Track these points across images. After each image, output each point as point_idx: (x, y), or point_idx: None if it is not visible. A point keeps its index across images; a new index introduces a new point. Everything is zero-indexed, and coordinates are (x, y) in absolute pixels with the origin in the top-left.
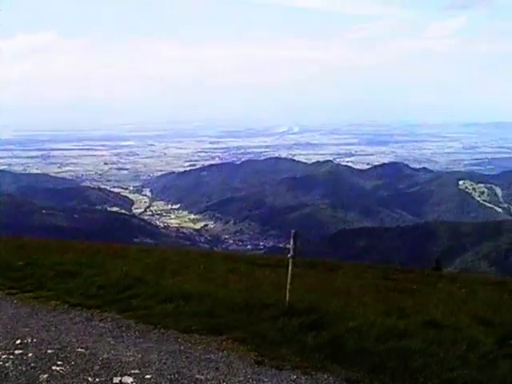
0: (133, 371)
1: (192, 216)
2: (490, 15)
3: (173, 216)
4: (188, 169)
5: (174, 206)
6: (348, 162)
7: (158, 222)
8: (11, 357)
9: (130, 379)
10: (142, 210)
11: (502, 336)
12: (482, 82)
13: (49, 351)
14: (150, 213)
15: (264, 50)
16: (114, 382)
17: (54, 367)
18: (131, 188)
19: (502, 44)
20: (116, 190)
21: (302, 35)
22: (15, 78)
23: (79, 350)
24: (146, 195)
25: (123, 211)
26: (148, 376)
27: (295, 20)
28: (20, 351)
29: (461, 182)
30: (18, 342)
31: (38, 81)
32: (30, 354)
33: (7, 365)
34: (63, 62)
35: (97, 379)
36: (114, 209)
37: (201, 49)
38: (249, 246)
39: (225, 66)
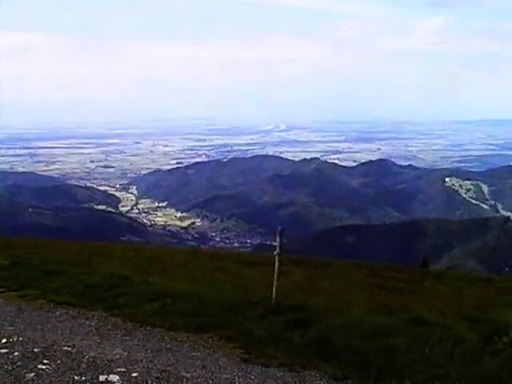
0: (119, 369)
1: (179, 214)
2: (475, 13)
3: (159, 214)
4: (175, 167)
5: (160, 204)
6: (335, 159)
7: (144, 220)
8: None
9: (117, 377)
10: (129, 208)
11: (488, 333)
12: (469, 80)
13: (35, 350)
14: (137, 211)
15: (251, 48)
16: (100, 380)
17: (40, 366)
18: (118, 186)
19: (487, 42)
20: (103, 188)
21: (289, 33)
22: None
23: (65, 348)
24: (132, 193)
25: (110, 209)
26: (134, 374)
27: (282, 18)
28: (6, 350)
29: (447, 180)
30: (4, 340)
31: (24, 80)
32: (16, 353)
33: None
34: (49, 61)
35: (83, 377)
36: (101, 207)
37: (188, 48)
38: (236, 244)
39: (212, 64)
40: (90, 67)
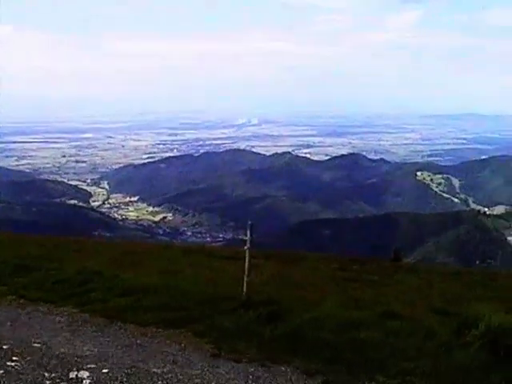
0: (89, 365)
1: (151, 208)
2: (448, 8)
3: (131, 208)
4: (146, 161)
5: (132, 199)
6: (306, 153)
7: (116, 215)
8: None
9: (87, 373)
10: (100, 202)
11: (458, 326)
12: (441, 75)
13: (4, 346)
14: (108, 205)
15: (223, 42)
16: (71, 376)
17: (9, 363)
18: (89, 181)
19: (459, 37)
20: (74, 182)
21: (262, 27)
22: None
23: (35, 344)
24: (104, 188)
25: (81, 204)
26: (105, 370)
27: (256, 11)
28: None
29: (419, 173)
30: None
31: (0, 74)
32: None
33: None
34: (26, 55)
35: (53, 374)
36: (72, 202)
37: (161, 43)
38: (208, 238)
39: (184, 59)
40: (66, 61)
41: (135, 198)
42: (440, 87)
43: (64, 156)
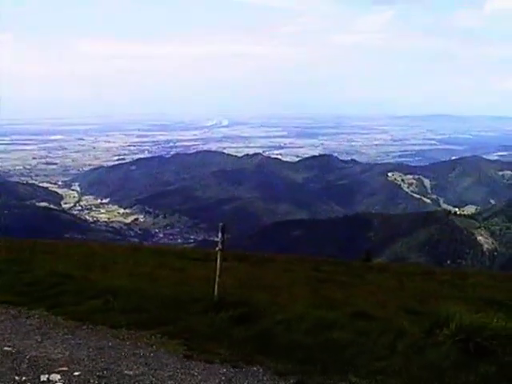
0: (61, 368)
1: (122, 210)
2: (418, 10)
3: (102, 210)
4: (117, 163)
5: (103, 201)
6: (277, 154)
7: (87, 217)
8: None
9: (58, 377)
10: (72, 204)
11: (429, 325)
12: (410, 77)
13: None
14: (80, 208)
15: (194, 45)
16: (42, 379)
17: None
18: (60, 183)
19: (429, 38)
20: (45, 184)
21: (231, 30)
22: None
23: (6, 348)
24: (75, 190)
25: (52, 206)
26: (76, 373)
27: (226, 14)
28: None
29: (390, 174)
30: None
31: None
32: None
33: None
34: None
35: (24, 378)
36: (43, 204)
37: (131, 46)
38: (179, 240)
39: (155, 61)
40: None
41: (106, 200)
42: (410, 89)
43: (34, 158)
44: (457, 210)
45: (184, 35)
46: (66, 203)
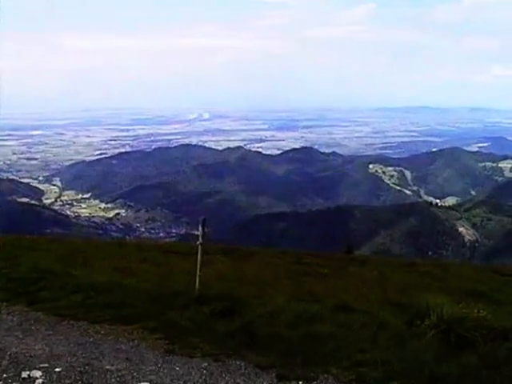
0: (42, 365)
1: (103, 205)
2: (397, 3)
3: (84, 205)
4: (98, 157)
5: (84, 196)
6: (259, 147)
7: (69, 212)
8: None
9: (39, 373)
10: (53, 200)
11: (410, 317)
12: (391, 69)
13: None
14: (61, 203)
15: (174, 37)
16: (23, 376)
17: None
18: (41, 178)
19: (409, 32)
20: (25, 180)
21: (211, 22)
22: None
23: None
24: (56, 185)
25: (33, 202)
26: (58, 369)
27: (205, 6)
28: None
29: (371, 166)
30: None
31: None
32: None
33: None
34: None
35: (4, 375)
36: (24, 200)
37: (110, 39)
38: (161, 234)
39: (135, 55)
40: (13, 58)
41: (88, 195)
42: (391, 81)
43: (15, 153)
44: (438, 201)
45: (163, 28)
46: (47, 198)
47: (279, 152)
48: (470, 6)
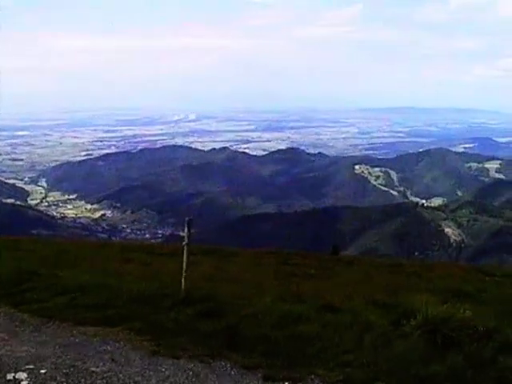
0: (27, 366)
1: (89, 206)
2: (384, 3)
3: (70, 206)
4: (84, 158)
5: (70, 197)
6: (245, 148)
7: (54, 213)
8: None
9: (25, 375)
10: (38, 201)
11: (396, 317)
12: (377, 69)
13: None
14: (47, 204)
15: (159, 38)
16: (8, 378)
17: None
18: (26, 179)
19: (396, 32)
20: (11, 181)
21: (196, 22)
22: None
23: None
24: (41, 186)
25: (19, 203)
26: (43, 371)
27: (193, 7)
28: None
29: (357, 167)
30: None
31: None
32: None
33: None
34: None
35: None
36: (9, 200)
37: (97, 40)
38: (147, 235)
39: (120, 55)
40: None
41: (74, 196)
42: (377, 81)
43: (0, 154)
44: (424, 202)
45: (149, 29)
46: (32, 199)
47: (265, 153)
48: (456, 6)
